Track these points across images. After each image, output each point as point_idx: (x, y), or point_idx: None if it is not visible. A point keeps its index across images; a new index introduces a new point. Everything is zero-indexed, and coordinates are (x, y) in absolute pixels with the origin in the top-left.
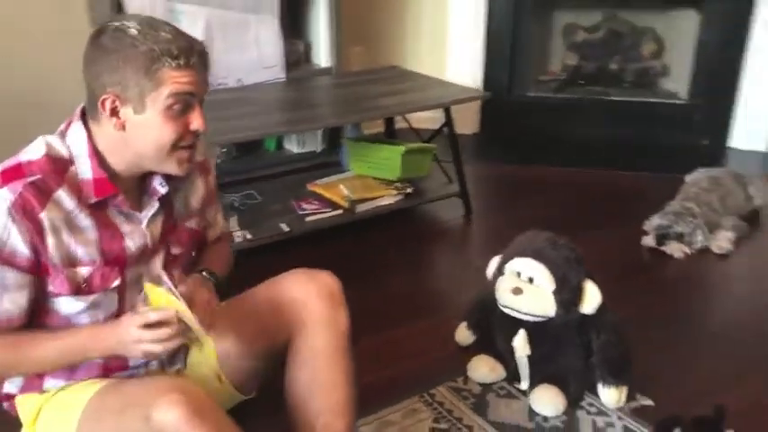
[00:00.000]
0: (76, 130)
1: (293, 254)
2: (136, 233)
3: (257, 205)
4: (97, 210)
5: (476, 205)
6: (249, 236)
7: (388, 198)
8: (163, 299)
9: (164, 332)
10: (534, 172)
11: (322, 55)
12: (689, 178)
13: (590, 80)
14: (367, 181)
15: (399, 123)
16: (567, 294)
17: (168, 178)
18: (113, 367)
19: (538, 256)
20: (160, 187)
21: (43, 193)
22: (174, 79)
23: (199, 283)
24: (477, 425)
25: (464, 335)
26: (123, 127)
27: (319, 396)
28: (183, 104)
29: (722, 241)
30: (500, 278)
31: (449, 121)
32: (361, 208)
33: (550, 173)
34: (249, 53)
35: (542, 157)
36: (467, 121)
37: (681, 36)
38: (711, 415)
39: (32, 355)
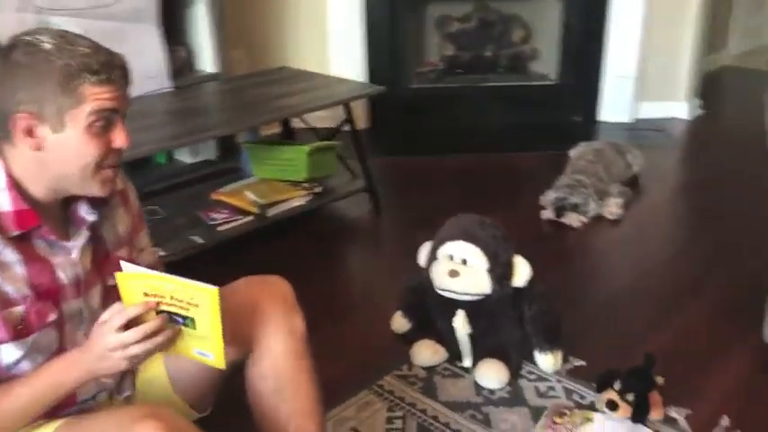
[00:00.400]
0: None
1: (211, 266)
2: (66, 264)
3: (163, 221)
4: (21, 243)
5: (381, 198)
6: (162, 252)
7: (298, 199)
8: (141, 282)
9: (150, 325)
10: (428, 162)
11: (206, 60)
12: (573, 153)
13: (467, 68)
14: (273, 184)
15: (295, 123)
16: (500, 270)
17: (94, 206)
18: (61, 405)
19: (469, 237)
20: (88, 215)
21: None
22: (96, 95)
23: None
24: (430, 407)
25: (400, 323)
26: (39, 147)
27: (287, 401)
28: (105, 121)
29: (612, 207)
30: (434, 263)
31: (350, 118)
32: (272, 212)
33: (443, 161)
34: (131, 64)
35: (432, 147)
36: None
37: (546, 21)
38: (642, 364)
39: (2, 408)
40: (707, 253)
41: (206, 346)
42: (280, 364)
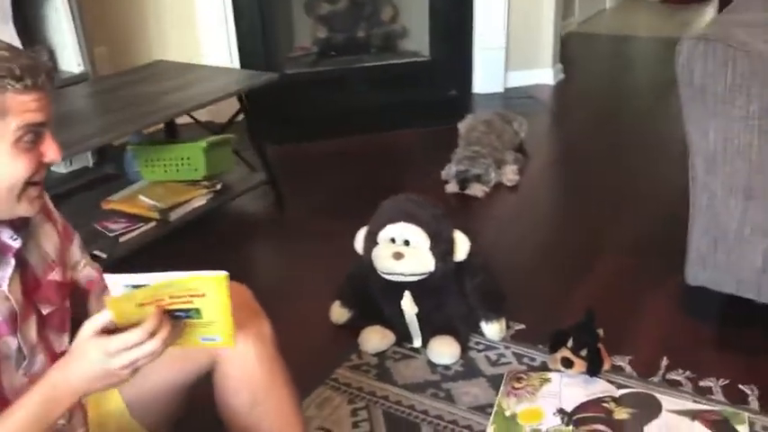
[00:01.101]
0: None
1: None
2: None
3: None
4: None
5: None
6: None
7: (199, 199)
8: (136, 300)
9: (151, 323)
10: (315, 147)
11: (69, 60)
12: (462, 125)
13: (341, 50)
14: (169, 186)
15: (180, 119)
16: (442, 247)
17: (16, 229)
18: None
19: (409, 218)
20: (12, 241)
21: None
22: (22, 105)
23: None
24: (390, 393)
25: (339, 313)
26: None
27: (268, 416)
28: (33, 135)
29: (510, 174)
30: (375, 248)
31: (244, 108)
32: (174, 215)
33: (330, 146)
34: None
35: (316, 133)
36: (231, 108)
37: None
38: (585, 320)
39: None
40: (607, 205)
41: (212, 331)
42: (252, 374)
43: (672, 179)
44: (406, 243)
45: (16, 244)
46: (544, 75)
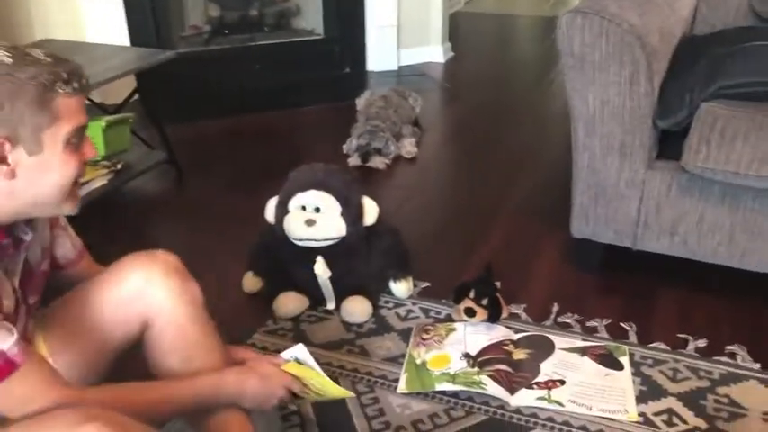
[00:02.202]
0: None
1: None
2: (9, 291)
3: None
4: None
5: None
6: None
7: (101, 179)
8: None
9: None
10: (211, 126)
11: None
12: (360, 101)
13: (234, 29)
14: None
15: None
16: (353, 212)
17: (27, 224)
18: None
19: (320, 186)
20: (24, 235)
21: None
22: (71, 108)
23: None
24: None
25: (252, 282)
26: (14, 174)
27: (197, 361)
28: (79, 136)
29: (408, 147)
30: (286, 217)
31: (140, 88)
32: None
33: (226, 124)
34: None
35: (210, 112)
36: (121, 89)
37: None
38: (484, 273)
39: (162, 403)
40: (499, 172)
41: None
42: (186, 333)
43: (555, 145)
44: (317, 210)
45: (28, 237)
46: (435, 52)
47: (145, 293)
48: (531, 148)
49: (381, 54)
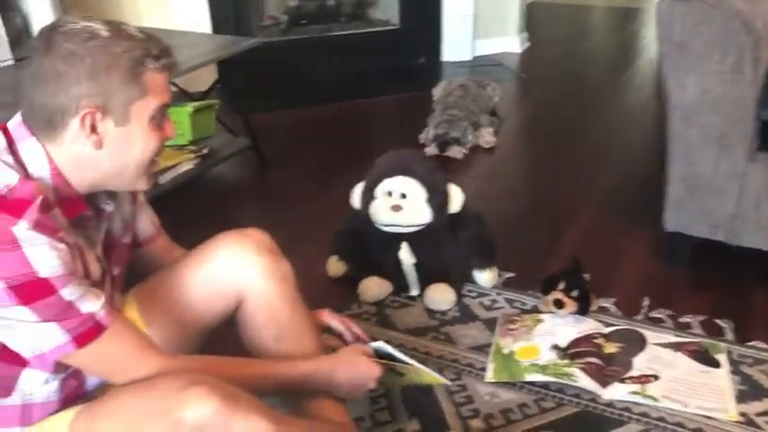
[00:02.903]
0: (31, 147)
1: None
2: (94, 260)
3: None
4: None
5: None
6: None
7: (187, 163)
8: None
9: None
10: (290, 116)
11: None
12: (437, 91)
13: (311, 19)
14: None
15: None
16: (438, 199)
17: (109, 195)
18: (70, 394)
19: (406, 172)
20: (106, 206)
21: (52, 215)
22: (159, 83)
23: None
24: (393, 337)
25: (337, 267)
26: (101, 144)
27: (293, 346)
28: (162, 113)
29: (486, 137)
30: (373, 203)
31: (222, 76)
32: (164, 179)
33: (305, 114)
34: None
35: (289, 101)
36: (204, 77)
37: None
38: (572, 265)
39: (254, 380)
40: (581, 162)
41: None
42: (277, 311)
43: (638, 136)
44: (403, 196)
45: (109, 208)
46: (511, 43)
47: (237, 270)
48: (612, 140)
49: (457, 44)
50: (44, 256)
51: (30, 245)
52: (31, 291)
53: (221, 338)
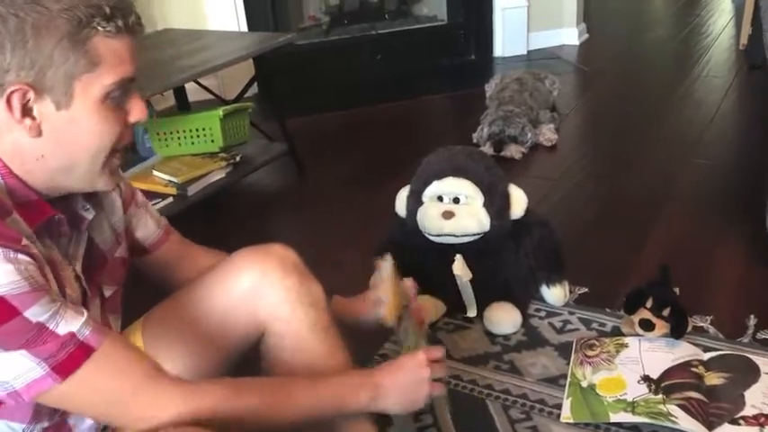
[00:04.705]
0: None
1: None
2: (71, 278)
3: None
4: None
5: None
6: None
7: (218, 172)
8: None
9: (442, 365)
10: (333, 119)
11: None
12: (491, 86)
13: (354, 18)
14: (184, 160)
15: (191, 95)
16: (498, 203)
17: (87, 199)
18: None
19: (458, 172)
20: (84, 212)
21: (10, 221)
22: (115, 51)
23: None
24: (449, 367)
25: None
26: (39, 131)
27: (317, 367)
28: (122, 90)
29: (548, 134)
30: (420, 209)
31: (258, 75)
32: (192, 190)
33: (348, 116)
34: None
35: (332, 103)
36: (239, 82)
37: None
38: (659, 277)
39: (287, 403)
40: (655, 159)
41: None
42: (306, 343)
43: (719, 130)
44: (456, 201)
45: (89, 215)
46: (568, 35)
47: (259, 294)
48: (686, 134)
49: (509, 38)
50: (2, 269)
51: None
52: None
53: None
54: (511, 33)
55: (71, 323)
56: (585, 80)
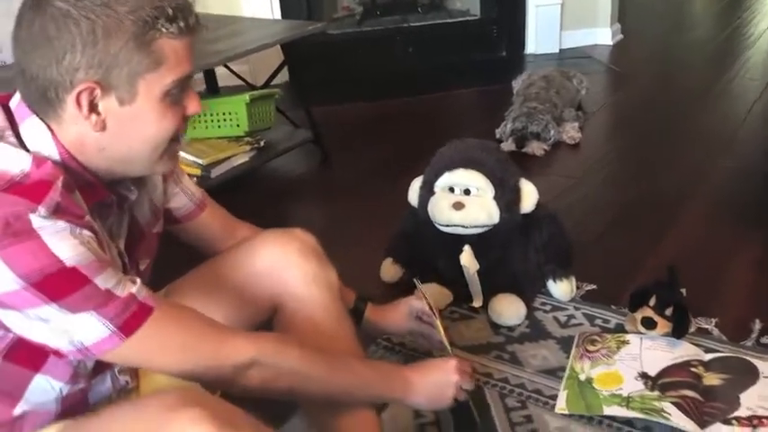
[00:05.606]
0: (34, 127)
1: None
2: (114, 252)
3: None
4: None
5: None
6: None
7: (242, 156)
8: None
9: (470, 377)
10: (360, 109)
11: None
12: (518, 82)
13: (387, 10)
14: (210, 142)
15: (221, 81)
16: (508, 196)
17: (133, 181)
18: (73, 405)
19: (470, 164)
20: (129, 193)
21: (74, 198)
22: (177, 51)
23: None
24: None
25: (391, 271)
26: (104, 126)
27: (326, 348)
28: (181, 87)
29: (571, 132)
30: (431, 199)
31: (287, 60)
32: (216, 172)
33: (376, 107)
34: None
35: (360, 94)
36: (270, 69)
37: None
38: (668, 277)
39: (338, 371)
40: (678, 163)
41: None
42: (319, 323)
43: (749, 134)
44: (467, 192)
45: (132, 195)
46: (602, 34)
47: (278, 272)
48: (715, 137)
49: (542, 36)
50: (69, 242)
51: (51, 232)
52: (59, 284)
53: None
54: (543, 31)
55: (130, 288)
56: (616, 80)
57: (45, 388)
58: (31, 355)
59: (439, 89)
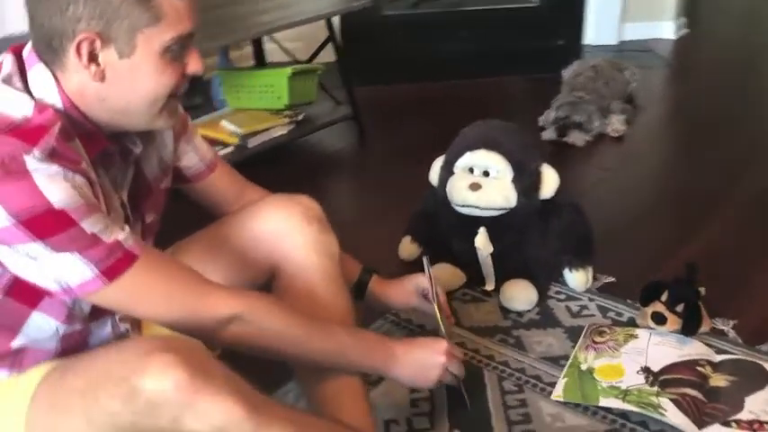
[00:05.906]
0: (40, 74)
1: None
2: (117, 203)
3: None
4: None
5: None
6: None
7: (281, 128)
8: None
9: (459, 363)
10: (408, 89)
11: None
12: (567, 72)
13: None
14: (252, 113)
15: (270, 55)
16: (527, 181)
17: (138, 135)
18: (73, 346)
19: (491, 145)
20: (134, 146)
21: (72, 145)
22: (176, 11)
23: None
24: (454, 333)
25: (409, 249)
26: (103, 77)
27: (320, 313)
28: (181, 45)
29: (616, 124)
30: (450, 179)
31: (332, 35)
32: (252, 142)
33: (424, 88)
34: None
35: (411, 75)
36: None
37: None
38: (685, 274)
39: (313, 341)
40: (723, 165)
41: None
42: (316, 288)
43: None
44: (486, 174)
45: (137, 149)
46: (665, 28)
47: (280, 237)
48: (756, 146)
49: (601, 26)
50: (60, 186)
51: (43, 174)
52: (45, 224)
53: None
54: (603, 21)
55: (117, 235)
56: (674, 76)
57: (42, 325)
58: (29, 293)
59: (490, 74)
